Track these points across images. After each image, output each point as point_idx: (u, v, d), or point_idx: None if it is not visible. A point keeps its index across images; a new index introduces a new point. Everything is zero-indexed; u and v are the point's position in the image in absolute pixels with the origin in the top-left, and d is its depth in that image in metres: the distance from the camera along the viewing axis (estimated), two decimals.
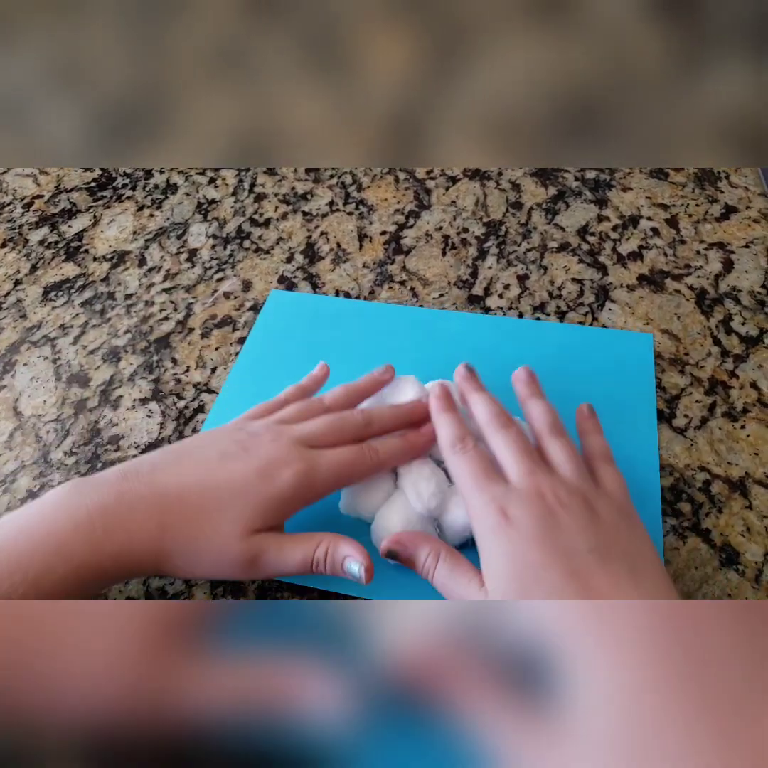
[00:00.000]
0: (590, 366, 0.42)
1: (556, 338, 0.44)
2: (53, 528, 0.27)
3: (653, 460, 0.37)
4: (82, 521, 0.27)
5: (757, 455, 0.38)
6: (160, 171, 0.61)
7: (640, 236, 0.51)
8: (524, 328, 0.45)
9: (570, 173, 0.57)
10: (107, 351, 0.47)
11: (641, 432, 0.38)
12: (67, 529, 0.27)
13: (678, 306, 0.46)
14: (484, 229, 0.53)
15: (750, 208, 0.52)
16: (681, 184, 0.55)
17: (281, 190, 0.58)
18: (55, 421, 0.43)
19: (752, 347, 0.43)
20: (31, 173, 0.63)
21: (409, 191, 0.57)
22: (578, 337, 0.44)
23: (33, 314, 0.50)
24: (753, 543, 0.34)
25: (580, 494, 0.28)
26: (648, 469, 0.37)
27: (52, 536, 0.27)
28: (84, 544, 0.27)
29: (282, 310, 0.48)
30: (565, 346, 0.44)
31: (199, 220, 0.56)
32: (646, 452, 0.38)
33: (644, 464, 0.37)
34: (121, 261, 0.53)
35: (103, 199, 0.59)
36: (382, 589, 0.32)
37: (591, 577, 0.25)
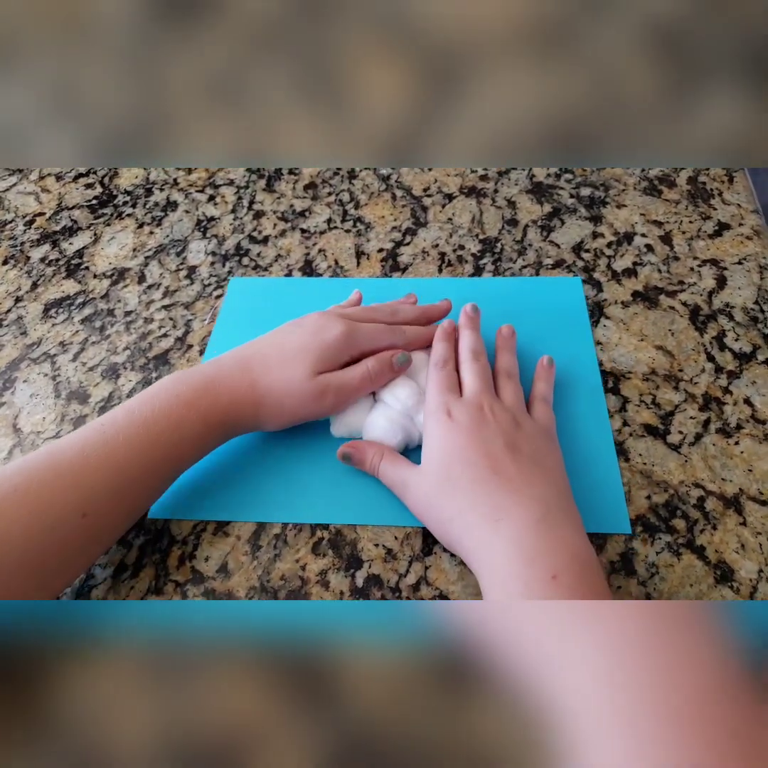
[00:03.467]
0: (531, 309, 0.48)
1: (495, 290, 0.50)
2: (181, 391, 0.35)
3: (594, 368, 0.44)
4: (198, 386, 0.36)
5: (751, 471, 0.38)
6: (160, 188, 0.62)
7: (634, 253, 0.52)
8: (465, 285, 0.51)
9: (565, 190, 0.57)
10: (106, 368, 0.47)
11: (582, 356, 0.45)
12: (188, 392, 0.35)
13: (672, 322, 0.46)
14: (480, 246, 0.53)
15: (743, 225, 0.53)
16: (675, 201, 0.55)
17: (280, 207, 0.59)
18: (54, 438, 0.43)
19: (746, 363, 0.43)
20: (33, 191, 0.64)
21: (406, 208, 0.57)
22: (516, 287, 0.50)
23: (33, 331, 0.51)
24: (747, 560, 0.34)
25: (511, 413, 0.36)
26: (589, 372, 0.44)
27: (180, 397, 0.35)
28: (204, 398, 0.35)
29: (244, 297, 0.51)
30: (507, 296, 0.50)
31: (199, 237, 0.57)
32: (588, 367, 0.44)
33: (586, 369, 0.44)
34: (121, 278, 0.54)
35: (103, 217, 0.60)
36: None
37: (502, 461, 0.33)
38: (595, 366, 0.44)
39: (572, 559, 0.28)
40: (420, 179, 0.60)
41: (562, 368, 0.43)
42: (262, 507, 0.39)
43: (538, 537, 0.29)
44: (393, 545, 0.37)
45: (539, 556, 0.28)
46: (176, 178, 0.63)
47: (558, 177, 0.59)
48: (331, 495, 0.39)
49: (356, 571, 0.36)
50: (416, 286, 0.50)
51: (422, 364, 0.42)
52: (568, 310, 0.48)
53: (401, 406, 0.40)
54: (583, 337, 0.46)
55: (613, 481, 0.38)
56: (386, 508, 0.38)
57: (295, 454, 0.41)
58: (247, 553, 0.37)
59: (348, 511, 0.38)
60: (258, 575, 0.36)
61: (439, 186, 0.59)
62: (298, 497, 0.39)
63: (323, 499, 0.39)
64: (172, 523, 0.39)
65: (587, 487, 0.37)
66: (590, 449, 0.39)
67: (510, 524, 0.30)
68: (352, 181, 0.61)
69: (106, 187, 0.63)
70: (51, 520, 0.30)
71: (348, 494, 0.39)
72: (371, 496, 0.38)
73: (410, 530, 0.37)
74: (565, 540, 0.29)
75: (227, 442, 0.38)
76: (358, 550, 0.37)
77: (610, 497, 0.37)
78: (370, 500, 0.38)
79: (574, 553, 0.29)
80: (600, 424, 0.41)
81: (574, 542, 0.30)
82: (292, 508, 0.38)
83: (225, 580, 0.36)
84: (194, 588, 0.36)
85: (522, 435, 0.35)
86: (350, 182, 0.61)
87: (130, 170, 0.65)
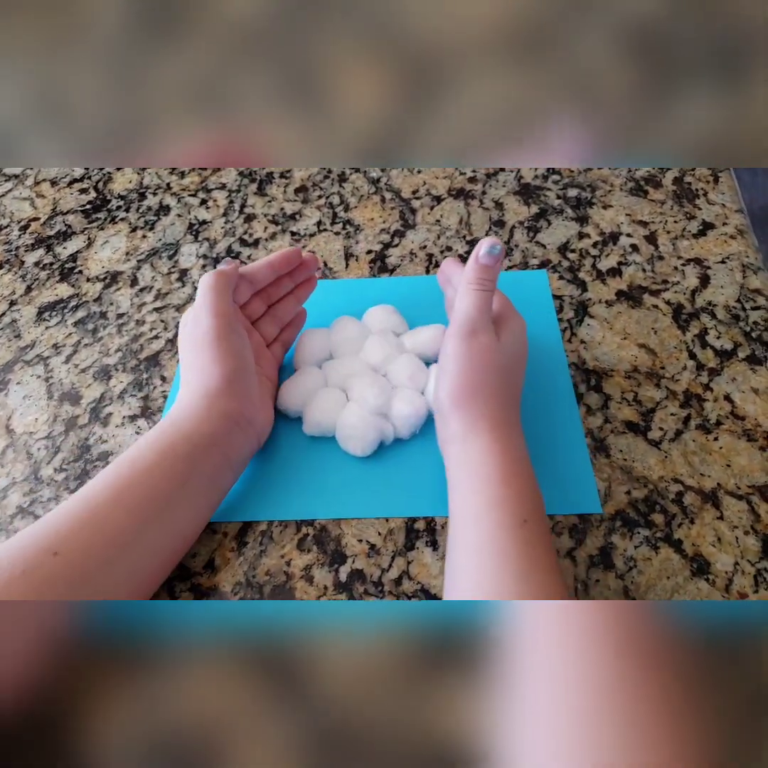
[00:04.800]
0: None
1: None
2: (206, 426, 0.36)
3: (561, 358, 0.45)
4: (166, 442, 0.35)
5: (729, 466, 0.38)
6: (153, 193, 0.63)
7: (619, 253, 0.52)
8: (432, 282, 0.49)
9: (552, 191, 0.58)
10: (98, 369, 0.48)
11: (550, 345, 0.46)
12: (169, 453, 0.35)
13: (655, 321, 0.47)
14: (468, 247, 0.54)
15: (726, 224, 0.53)
16: (660, 201, 0.56)
17: (270, 210, 0.60)
18: (46, 438, 0.44)
19: (727, 361, 0.44)
20: (29, 196, 0.65)
21: (395, 210, 0.58)
22: None
23: (27, 334, 0.52)
24: (723, 553, 0.35)
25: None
26: (557, 362, 0.45)
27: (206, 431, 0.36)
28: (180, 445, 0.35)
29: None
30: None
31: (191, 241, 0.58)
32: (556, 356, 0.46)
33: (555, 365, 0.45)
34: (114, 281, 0.55)
35: (97, 221, 0.61)
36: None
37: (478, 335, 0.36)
38: (563, 355, 0.45)
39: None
40: (409, 181, 0.61)
41: (532, 359, 0.44)
42: (245, 507, 0.39)
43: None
44: (376, 540, 0.37)
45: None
46: (169, 182, 0.64)
47: (545, 178, 0.60)
48: (311, 491, 0.40)
49: (340, 566, 0.37)
50: (387, 285, 0.52)
51: (390, 362, 0.43)
52: (536, 303, 0.49)
53: (370, 407, 0.40)
54: (550, 327, 0.47)
55: (583, 463, 0.39)
56: (368, 502, 0.39)
57: (272, 455, 0.42)
58: (233, 549, 0.38)
59: (329, 506, 0.39)
60: (244, 571, 0.37)
61: (427, 188, 0.60)
62: (280, 495, 0.40)
63: (303, 497, 0.39)
64: None
65: (558, 471, 0.39)
66: (560, 434, 0.41)
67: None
68: (343, 184, 0.61)
69: (100, 192, 0.64)
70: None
71: (327, 489, 0.40)
72: (352, 490, 0.39)
73: (393, 526, 0.38)
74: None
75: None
76: (342, 545, 0.37)
77: (580, 480, 0.38)
78: (352, 494, 0.39)
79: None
80: (569, 410, 0.42)
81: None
82: (275, 506, 0.39)
83: (212, 576, 0.37)
84: (181, 584, 0.37)
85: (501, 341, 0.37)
86: (340, 185, 0.61)
87: (124, 175, 0.66)
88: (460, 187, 0.60)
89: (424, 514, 0.38)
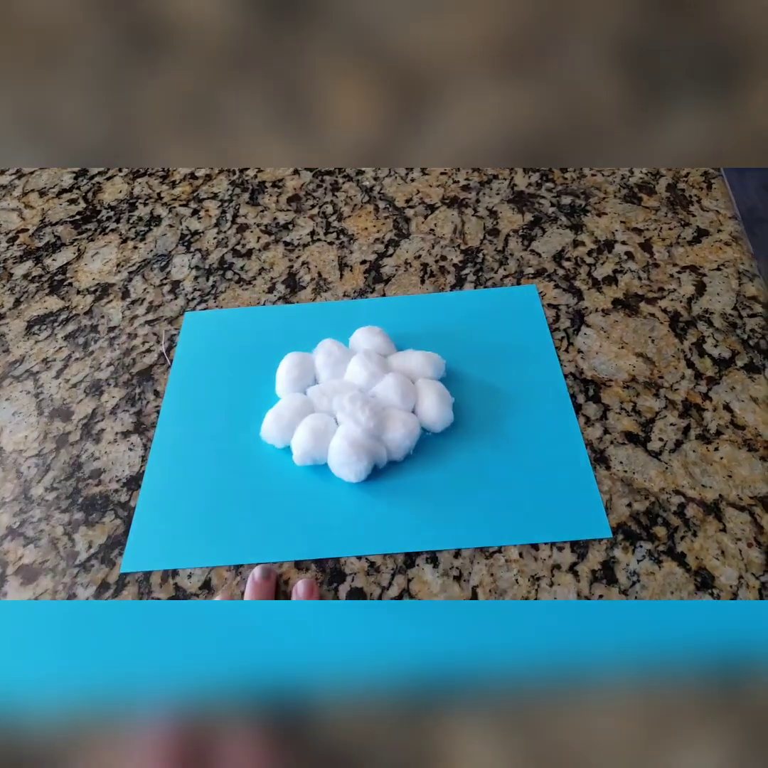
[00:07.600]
0: (489, 322, 0.49)
1: (451, 305, 0.50)
2: None
3: (558, 376, 0.44)
4: None
5: (731, 477, 0.38)
6: (144, 203, 0.62)
7: (614, 260, 0.52)
8: (425, 301, 0.50)
9: (546, 199, 0.58)
10: (90, 384, 0.47)
11: (545, 363, 0.45)
12: None
13: (652, 329, 0.47)
14: (462, 256, 0.54)
15: (721, 231, 0.53)
16: (654, 208, 0.56)
17: (263, 220, 0.59)
18: (37, 456, 0.43)
19: (725, 369, 0.44)
20: (16, 207, 0.64)
21: (388, 220, 0.58)
22: (472, 300, 0.50)
23: (16, 348, 0.51)
24: (728, 566, 0.35)
25: None
26: (553, 380, 0.44)
27: None
28: None
29: (199, 333, 0.50)
30: (464, 310, 0.50)
31: (182, 252, 0.57)
32: (552, 374, 0.45)
33: (550, 377, 0.44)
34: (105, 294, 0.54)
35: (87, 232, 0.60)
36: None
37: None
38: (559, 373, 0.44)
39: None
40: (402, 190, 0.60)
41: (527, 379, 0.44)
42: (240, 549, 0.38)
43: None
44: (375, 558, 0.37)
45: None
46: (160, 192, 0.63)
47: (539, 186, 0.59)
48: (308, 529, 0.38)
49: (339, 585, 0.36)
50: (379, 306, 0.50)
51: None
52: (527, 319, 0.48)
53: (362, 429, 0.39)
54: (544, 344, 0.46)
55: (589, 486, 0.38)
56: (367, 536, 0.38)
57: (262, 490, 0.40)
58: (230, 569, 0.37)
59: (326, 544, 0.38)
60: (241, 591, 0.36)
61: (421, 197, 0.60)
62: (277, 535, 0.38)
63: (299, 536, 0.38)
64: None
65: (564, 496, 0.38)
66: (562, 457, 0.40)
67: None
68: (336, 193, 0.61)
69: (90, 203, 0.63)
70: None
71: (323, 525, 0.38)
72: (348, 525, 0.38)
73: None
74: None
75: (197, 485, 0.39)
76: (341, 563, 0.37)
77: (587, 504, 0.37)
78: (350, 529, 0.38)
79: None
80: (569, 430, 0.41)
81: None
82: (271, 546, 0.38)
83: (208, 597, 0.36)
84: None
85: None
86: (333, 194, 0.61)
87: (114, 185, 0.65)
88: (454, 195, 0.59)
89: (426, 548, 0.37)
